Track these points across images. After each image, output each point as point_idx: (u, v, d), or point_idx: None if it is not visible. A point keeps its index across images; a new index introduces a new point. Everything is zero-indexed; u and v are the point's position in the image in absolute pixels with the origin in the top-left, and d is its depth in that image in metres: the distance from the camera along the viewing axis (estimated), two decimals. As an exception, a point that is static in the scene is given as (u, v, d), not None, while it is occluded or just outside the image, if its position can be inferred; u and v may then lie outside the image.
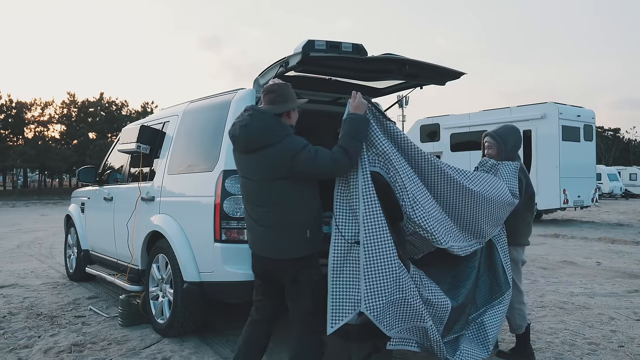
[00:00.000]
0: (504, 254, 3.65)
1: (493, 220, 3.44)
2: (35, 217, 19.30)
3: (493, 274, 3.61)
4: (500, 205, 3.44)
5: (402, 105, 47.62)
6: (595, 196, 15.60)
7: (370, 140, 3.03)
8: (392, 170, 3.02)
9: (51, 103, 41.96)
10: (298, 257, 2.90)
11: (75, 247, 6.74)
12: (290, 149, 2.81)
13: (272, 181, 2.86)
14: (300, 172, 2.83)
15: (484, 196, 3.33)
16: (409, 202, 3.00)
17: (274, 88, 2.96)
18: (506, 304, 3.56)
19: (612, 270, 7.52)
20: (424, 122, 17.42)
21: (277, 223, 2.89)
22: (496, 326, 3.49)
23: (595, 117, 15.62)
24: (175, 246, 4.14)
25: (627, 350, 4.01)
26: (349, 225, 2.97)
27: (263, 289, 3.10)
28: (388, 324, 2.98)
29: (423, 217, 3.02)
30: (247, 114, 2.93)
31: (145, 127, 5.19)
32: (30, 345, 4.19)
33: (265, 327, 3.11)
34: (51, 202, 30.68)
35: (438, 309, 3.19)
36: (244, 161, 2.96)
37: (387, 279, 2.88)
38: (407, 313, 3.03)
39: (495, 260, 3.61)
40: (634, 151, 63.21)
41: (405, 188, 3.01)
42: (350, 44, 3.52)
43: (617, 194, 32.19)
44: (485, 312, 3.51)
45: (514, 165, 3.69)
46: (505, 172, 3.63)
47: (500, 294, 3.55)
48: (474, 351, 3.37)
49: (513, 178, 3.63)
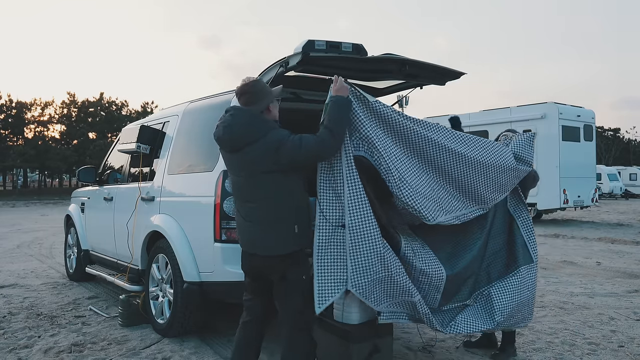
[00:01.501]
0: (526, 228, 3.62)
1: (493, 185, 3.42)
2: (35, 217, 19.30)
3: (511, 249, 3.58)
4: (499, 170, 3.41)
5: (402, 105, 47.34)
6: (595, 196, 15.59)
7: (354, 124, 3.05)
8: (375, 154, 3.06)
9: (51, 103, 41.92)
10: (285, 254, 2.88)
11: (75, 247, 6.74)
12: (274, 141, 2.82)
13: (258, 176, 2.86)
14: (287, 161, 2.82)
15: (479, 161, 3.32)
16: (395, 182, 3.05)
17: (245, 89, 2.98)
18: (523, 277, 3.50)
19: (612, 270, 7.52)
20: (424, 122, 17.39)
21: (264, 219, 2.89)
22: (505, 298, 3.42)
23: (595, 117, 15.63)
24: (175, 246, 4.14)
25: (627, 350, 4.01)
26: (333, 208, 3.02)
27: (252, 287, 3.08)
28: (375, 299, 3.05)
29: (410, 195, 3.08)
30: (228, 115, 2.97)
31: (145, 127, 5.19)
32: (30, 345, 4.19)
33: (257, 327, 3.09)
34: (51, 202, 30.68)
35: (433, 278, 3.23)
36: (231, 159, 2.99)
37: (372, 259, 2.95)
38: (394, 289, 3.09)
39: (514, 235, 3.60)
40: (634, 151, 63.19)
41: (389, 169, 3.05)
42: (350, 44, 3.52)
43: (617, 194, 32.18)
44: (495, 285, 3.49)
45: (529, 135, 3.68)
46: (517, 140, 3.64)
47: (515, 267, 3.52)
48: (475, 322, 3.36)
49: (526, 146, 3.62)
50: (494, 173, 3.39)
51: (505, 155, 3.47)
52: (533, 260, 3.57)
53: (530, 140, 3.66)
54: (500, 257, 3.57)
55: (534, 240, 3.63)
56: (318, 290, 2.94)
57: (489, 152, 3.40)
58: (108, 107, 44.00)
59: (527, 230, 3.63)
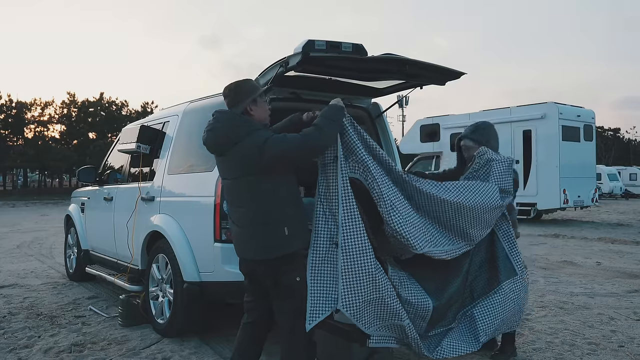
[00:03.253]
0: (508, 241, 3.55)
1: (480, 224, 3.39)
2: (35, 217, 19.29)
3: (493, 263, 3.51)
4: (485, 210, 3.38)
5: (402, 105, 47.64)
6: (595, 196, 15.58)
7: (350, 147, 3.07)
8: (369, 178, 3.06)
9: (51, 103, 41.91)
10: (277, 257, 2.86)
11: (75, 247, 6.74)
12: (258, 139, 2.80)
13: (245, 178, 2.85)
14: (272, 158, 2.78)
15: (464, 205, 3.28)
16: (386, 208, 3.04)
17: (225, 93, 3.00)
18: (505, 293, 3.43)
19: (612, 270, 7.52)
20: (424, 122, 17.40)
21: (253, 222, 2.87)
22: (488, 317, 3.37)
23: (595, 117, 15.63)
24: (175, 246, 4.14)
25: (627, 350, 4.01)
26: (328, 227, 3.03)
27: (252, 290, 3.08)
28: (366, 322, 3.04)
29: (399, 222, 3.05)
30: (212, 119, 2.97)
31: (145, 127, 5.19)
32: (30, 345, 4.19)
33: (258, 329, 3.08)
34: (51, 202, 30.67)
35: (419, 308, 3.21)
36: (221, 162, 2.99)
37: (364, 280, 2.93)
38: (385, 312, 3.07)
39: (496, 249, 3.53)
40: (634, 151, 63.20)
41: (382, 195, 3.04)
42: (350, 44, 3.52)
43: (617, 194, 32.17)
44: (478, 304, 3.43)
45: (508, 161, 3.60)
46: (498, 170, 3.55)
47: (497, 284, 3.46)
48: (459, 345, 3.33)
49: (506, 175, 3.55)
50: (480, 213, 3.35)
51: (492, 195, 3.41)
52: (517, 272, 3.49)
53: (509, 167, 3.60)
54: (483, 273, 3.51)
55: (517, 252, 3.55)
56: (310, 308, 2.93)
57: (476, 195, 3.36)
58: (108, 107, 43.97)
59: (508, 243, 3.56)
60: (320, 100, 4.47)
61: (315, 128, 2.87)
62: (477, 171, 3.59)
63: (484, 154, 3.63)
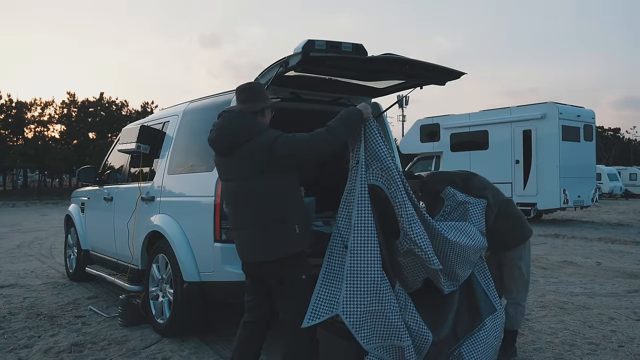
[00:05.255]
0: (484, 279, 3.55)
1: (467, 264, 3.40)
2: (35, 217, 19.30)
3: (472, 301, 3.50)
4: (474, 251, 3.39)
5: (402, 105, 47.64)
6: (595, 196, 15.57)
7: (375, 154, 3.06)
8: (393, 186, 3.03)
9: (51, 103, 41.91)
10: (283, 257, 2.85)
11: (75, 247, 6.75)
12: (267, 139, 2.82)
13: (252, 179, 2.85)
14: (281, 156, 2.79)
15: (458, 244, 3.27)
16: (407, 218, 2.99)
17: (246, 87, 3.02)
18: (488, 330, 3.41)
19: (612, 270, 7.52)
20: (424, 122, 17.40)
21: (262, 222, 2.86)
22: (476, 354, 3.33)
23: (595, 117, 15.62)
24: (175, 246, 4.14)
25: (627, 350, 4.01)
26: (345, 230, 3.02)
27: (253, 289, 3.07)
28: (366, 336, 2.97)
29: (419, 234, 3.01)
30: (221, 118, 2.97)
31: (145, 127, 5.19)
32: (30, 345, 4.19)
33: (257, 328, 3.08)
34: (51, 202, 30.67)
35: (418, 338, 3.09)
36: (225, 164, 2.98)
37: (368, 288, 2.89)
38: (386, 328, 2.99)
39: (474, 287, 3.51)
40: (634, 151, 63.19)
41: (405, 204, 3.00)
42: (350, 44, 3.51)
43: (617, 194, 32.16)
44: (463, 343, 3.37)
45: (482, 204, 3.59)
46: (475, 213, 3.55)
47: (479, 321, 3.43)
48: None
49: (481, 218, 3.56)
50: (469, 254, 3.35)
51: (477, 236, 3.42)
52: (496, 309, 3.49)
53: (483, 209, 3.58)
54: (463, 312, 3.47)
55: (494, 288, 3.55)
56: (312, 306, 2.91)
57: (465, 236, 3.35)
58: (108, 107, 43.97)
59: (485, 279, 3.55)
60: (320, 100, 4.48)
61: (326, 129, 2.88)
62: (450, 214, 3.58)
63: (454, 195, 3.63)
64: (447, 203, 3.63)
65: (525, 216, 3.93)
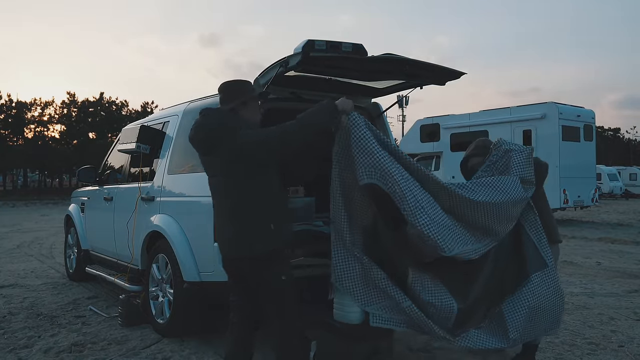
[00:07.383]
0: (535, 232, 3.36)
1: (506, 219, 3.25)
2: (35, 217, 19.29)
3: (520, 256, 3.32)
4: (510, 205, 3.24)
5: (402, 105, 47.60)
6: (595, 196, 15.58)
7: (366, 150, 3.00)
8: (389, 181, 2.97)
9: (51, 103, 41.85)
10: (261, 254, 2.81)
11: (75, 247, 6.75)
12: (242, 134, 2.79)
13: (230, 173, 2.84)
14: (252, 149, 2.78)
15: (489, 203, 3.16)
16: (410, 210, 2.92)
17: (219, 89, 3.04)
18: (535, 286, 3.21)
19: (612, 270, 7.52)
20: (424, 122, 17.41)
21: (238, 216, 2.85)
22: (517, 314, 3.14)
23: (595, 117, 15.63)
24: (175, 246, 4.14)
25: (627, 350, 4.01)
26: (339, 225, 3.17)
27: (237, 288, 3.04)
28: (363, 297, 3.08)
29: (426, 224, 2.92)
30: (200, 116, 2.97)
31: (145, 127, 5.19)
32: (30, 345, 4.19)
33: (246, 328, 3.05)
34: (51, 202, 30.66)
35: (442, 310, 3.07)
36: (207, 161, 2.99)
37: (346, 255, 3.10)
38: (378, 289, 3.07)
39: (523, 240, 3.34)
40: (634, 151, 63.20)
41: (404, 196, 2.93)
42: (350, 44, 3.51)
43: (617, 194, 32.15)
44: (506, 301, 3.20)
45: (527, 150, 3.44)
46: (518, 160, 3.39)
47: (525, 276, 3.26)
48: (487, 339, 3.13)
49: (526, 165, 3.38)
50: (505, 209, 3.22)
51: (514, 188, 3.27)
52: (548, 264, 3.30)
53: (529, 156, 3.44)
54: (510, 267, 3.33)
55: (546, 243, 3.36)
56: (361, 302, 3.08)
57: (499, 192, 3.22)
58: (108, 107, 43.94)
59: (536, 233, 3.37)
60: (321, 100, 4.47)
61: (296, 120, 2.83)
62: (495, 163, 3.45)
63: (501, 145, 3.51)
64: (494, 153, 3.51)
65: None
